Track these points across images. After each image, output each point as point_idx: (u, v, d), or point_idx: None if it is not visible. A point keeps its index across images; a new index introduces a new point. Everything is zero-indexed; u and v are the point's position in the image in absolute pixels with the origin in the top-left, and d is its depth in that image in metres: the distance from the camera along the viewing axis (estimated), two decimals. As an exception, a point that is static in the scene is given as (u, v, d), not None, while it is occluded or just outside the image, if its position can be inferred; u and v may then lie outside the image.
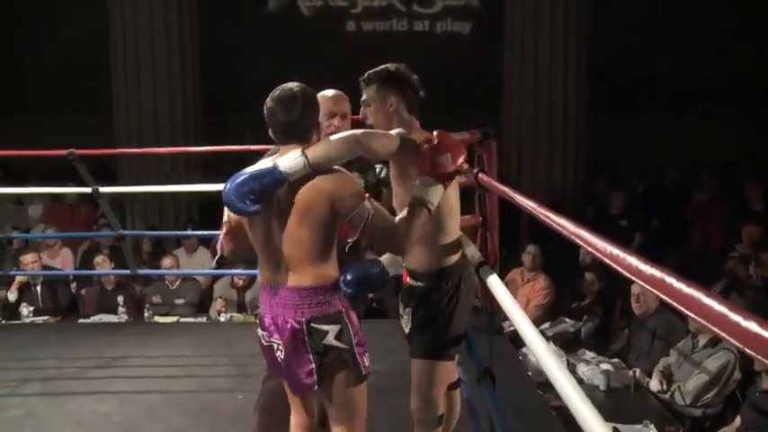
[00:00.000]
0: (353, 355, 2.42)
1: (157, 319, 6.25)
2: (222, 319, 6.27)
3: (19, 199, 9.09)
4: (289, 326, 2.38)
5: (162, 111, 9.69)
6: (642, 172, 10.35)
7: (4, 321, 6.21)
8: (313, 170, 2.31)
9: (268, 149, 2.90)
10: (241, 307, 6.59)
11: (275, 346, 2.45)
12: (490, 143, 4.81)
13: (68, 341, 5.41)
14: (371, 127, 2.74)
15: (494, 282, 2.50)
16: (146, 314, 6.32)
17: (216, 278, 6.94)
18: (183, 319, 6.25)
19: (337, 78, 3.38)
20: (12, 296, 6.39)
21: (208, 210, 9.54)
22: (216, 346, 5.19)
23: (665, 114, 10.65)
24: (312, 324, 2.36)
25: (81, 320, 6.32)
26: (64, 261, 7.55)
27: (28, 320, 6.18)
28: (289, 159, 2.31)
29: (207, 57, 10.27)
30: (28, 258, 6.43)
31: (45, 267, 6.73)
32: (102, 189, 5.54)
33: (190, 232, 7.58)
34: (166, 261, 6.88)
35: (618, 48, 10.60)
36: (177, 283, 6.69)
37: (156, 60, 9.65)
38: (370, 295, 6.71)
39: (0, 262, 6.41)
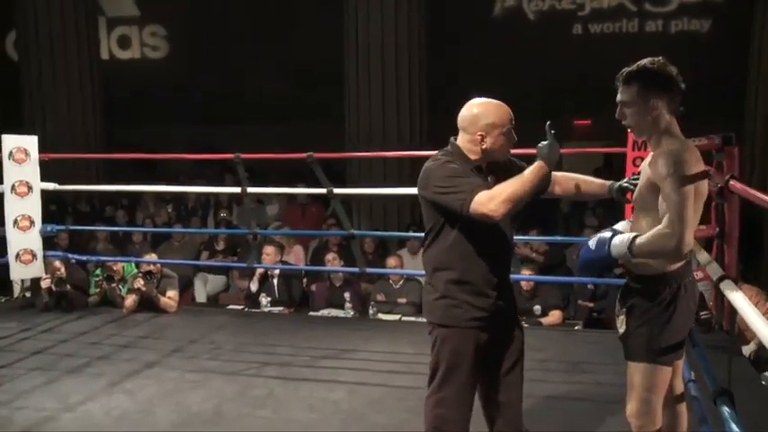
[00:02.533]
0: None
1: (381, 316, 6.46)
2: (446, 319, 6.36)
3: (260, 198, 9.77)
4: None
5: (390, 116, 9.99)
6: None
7: (246, 309, 6.73)
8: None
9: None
10: (462, 309, 6.66)
11: None
12: (731, 149, 4.55)
13: (301, 331, 5.76)
14: (630, 129, 2.69)
15: (737, 298, 2.36)
16: (370, 311, 6.55)
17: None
18: (405, 318, 6.41)
19: (561, 82, 3.34)
20: (253, 287, 6.88)
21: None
22: (437, 345, 5.29)
23: None
24: None
25: (311, 313, 6.67)
26: (296, 257, 8.02)
27: (266, 310, 6.64)
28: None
29: (433, 63, 10.48)
30: (269, 249, 6.91)
31: (282, 263, 7.16)
32: (336, 190, 5.85)
33: (413, 234, 7.76)
34: (391, 261, 7.10)
35: None
36: (401, 282, 6.86)
37: (386, 69, 9.97)
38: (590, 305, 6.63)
39: (246, 255, 6.92)
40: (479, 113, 2.85)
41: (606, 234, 2.63)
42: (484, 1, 12.76)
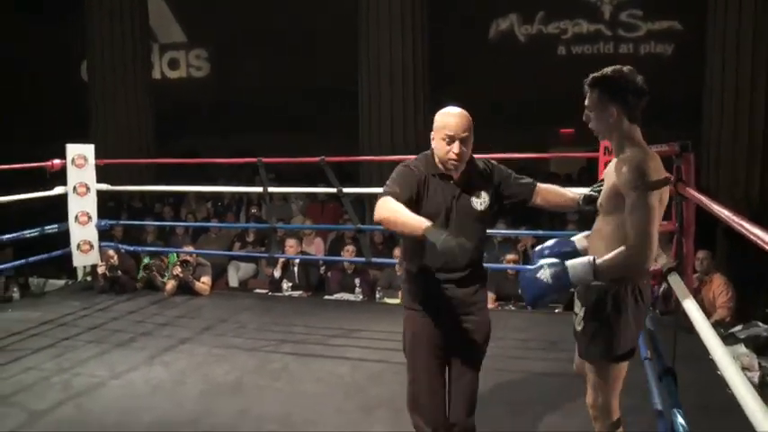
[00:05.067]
0: None
1: (386, 300, 6.41)
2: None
3: (285, 197, 9.73)
4: None
5: (397, 128, 9.98)
6: None
7: (269, 293, 6.69)
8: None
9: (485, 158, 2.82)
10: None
11: None
12: (688, 155, 4.45)
13: (316, 313, 5.72)
14: (595, 132, 2.45)
15: (675, 281, 2.28)
16: (377, 295, 6.51)
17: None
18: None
19: (549, 95, 3.26)
20: (276, 273, 6.85)
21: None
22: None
23: None
24: None
25: (326, 297, 6.63)
26: (317, 248, 7.98)
27: (287, 294, 6.60)
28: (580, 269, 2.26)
29: (435, 81, 10.45)
30: (291, 242, 6.88)
31: (302, 252, 7.13)
32: (346, 189, 5.79)
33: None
34: (397, 251, 7.03)
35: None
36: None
37: (394, 89, 9.97)
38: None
39: (269, 246, 6.89)
40: (435, 119, 2.72)
41: (556, 266, 2.28)
42: (480, 26, 12.71)
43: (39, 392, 4.06)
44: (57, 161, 6.20)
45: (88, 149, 6.40)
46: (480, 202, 2.69)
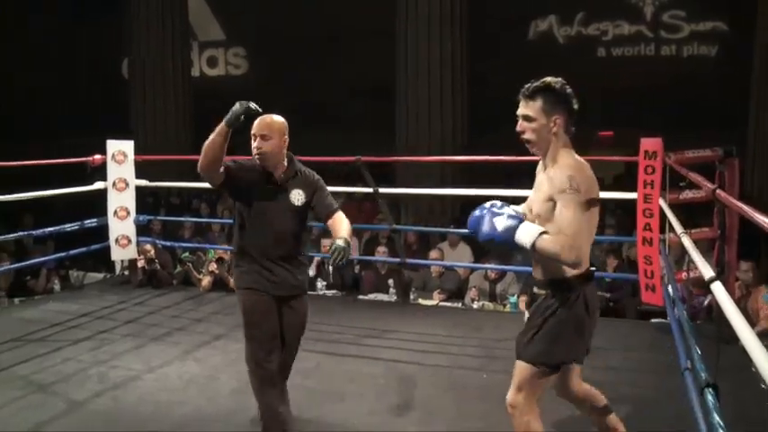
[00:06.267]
0: None
1: (420, 301, 6.39)
2: (475, 306, 6.27)
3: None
4: None
5: (434, 127, 9.95)
6: None
7: (303, 293, 6.70)
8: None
9: (516, 160, 2.84)
10: (492, 296, 6.55)
11: None
12: (733, 160, 4.36)
13: (349, 313, 5.74)
14: (528, 143, 2.48)
15: (717, 290, 2.23)
16: (411, 296, 6.48)
17: (473, 270, 6.96)
18: (441, 303, 6.33)
19: (587, 97, 3.22)
20: (311, 272, 6.86)
21: (469, 210, 9.60)
22: (467, 329, 5.21)
23: None
24: None
25: (360, 297, 6.63)
26: (351, 248, 7.96)
27: (321, 293, 6.62)
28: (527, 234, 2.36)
29: (474, 82, 10.39)
30: (326, 242, 6.88)
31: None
32: (381, 189, 5.79)
33: (453, 229, 7.66)
34: (433, 253, 7.01)
35: None
36: (439, 271, 6.78)
37: (432, 86, 9.93)
38: (606, 295, 6.38)
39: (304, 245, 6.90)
40: None
41: (514, 220, 2.39)
42: (519, 26, 12.63)
43: (77, 383, 4.15)
44: (98, 156, 6.33)
45: (128, 145, 6.51)
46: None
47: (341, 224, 3.31)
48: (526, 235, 2.35)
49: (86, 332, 5.18)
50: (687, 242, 3.40)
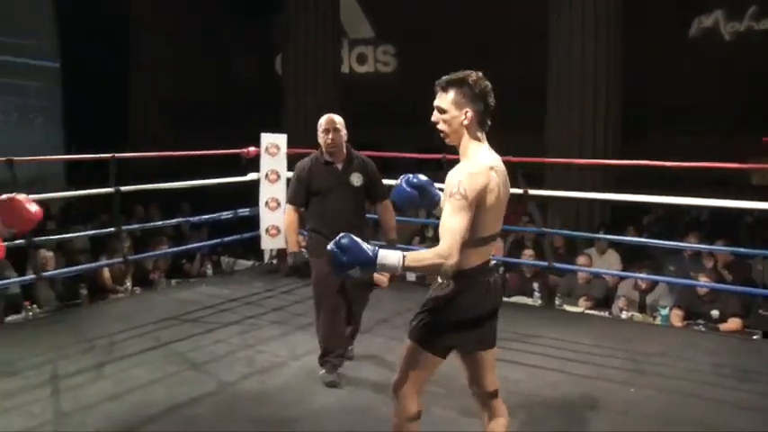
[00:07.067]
0: None
1: (566, 307, 6.21)
2: (623, 316, 6.01)
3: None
4: None
5: (587, 129, 9.65)
6: None
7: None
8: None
9: (676, 166, 2.69)
10: (641, 307, 6.26)
11: None
12: None
13: (492, 315, 5.65)
14: (441, 133, 2.49)
15: None
16: (556, 301, 6.32)
17: (622, 278, 6.68)
18: (587, 311, 6.12)
19: (756, 98, 2.98)
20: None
21: (619, 216, 9.25)
22: (615, 339, 5.00)
23: None
24: None
25: (503, 299, 6.51)
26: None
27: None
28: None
29: (628, 80, 9.97)
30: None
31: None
32: (531, 191, 5.68)
33: (602, 235, 7.40)
34: (581, 259, 6.80)
35: None
36: (587, 278, 6.56)
37: (585, 87, 9.63)
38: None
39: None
40: None
41: (366, 247, 2.29)
42: (681, 23, 11.95)
43: (227, 364, 4.38)
44: (252, 149, 6.64)
45: (281, 139, 6.78)
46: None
47: (391, 216, 4.23)
48: (389, 265, 2.30)
49: (236, 316, 5.45)
50: None
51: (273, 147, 6.70)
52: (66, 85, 14.22)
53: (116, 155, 5.58)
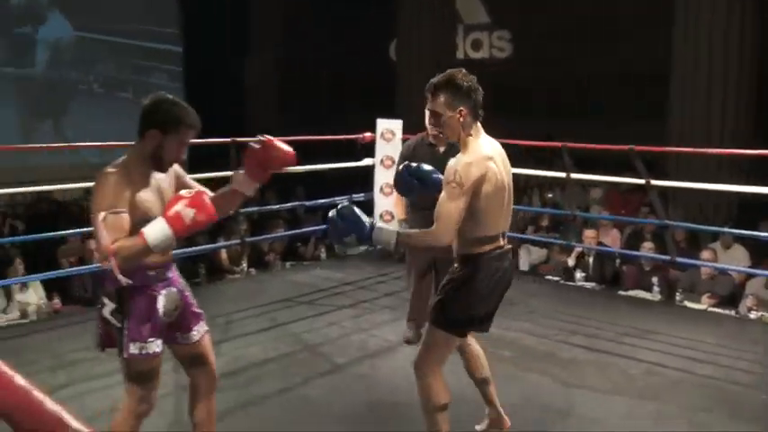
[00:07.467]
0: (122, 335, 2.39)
1: (687, 303, 5.93)
2: (752, 316, 5.67)
3: (583, 183, 9.44)
4: None
5: (715, 117, 9.14)
6: None
7: (561, 281, 6.56)
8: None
9: None
10: (773, 308, 5.89)
11: None
12: None
13: (609, 308, 5.51)
14: (438, 135, 2.72)
15: None
16: (677, 297, 6.05)
17: (750, 276, 6.30)
18: (710, 309, 5.83)
19: None
20: (570, 262, 6.70)
21: (747, 209, 8.72)
22: (742, 341, 4.75)
23: None
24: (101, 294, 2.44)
25: (620, 292, 6.30)
26: (613, 240, 7.64)
27: (579, 284, 6.43)
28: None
29: (764, 70, 9.35)
30: (589, 233, 6.68)
31: (598, 243, 6.86)
32: (654, 182, 5.45)
33: (727, 229, 7.01)
34: (705, 253, 6.46)
35: None
36: (711, 274, 6.24)
37: (713, 74, 9.12)
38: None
39: (565, 233, 6.75)
40: None
41: (365, 219, 2.59)
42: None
43: (340, 347, 4.48)
44: (368, 134, 6.72)
45: (396, 125, 6.82)
46: None
47: None
48: (385, 237, 2.57)
49: (349, 300, 5.56)
50: None
51: (389, 132, 6.76)
52: (188, 71, 14.86)
53: (236, 138, 5.78)
